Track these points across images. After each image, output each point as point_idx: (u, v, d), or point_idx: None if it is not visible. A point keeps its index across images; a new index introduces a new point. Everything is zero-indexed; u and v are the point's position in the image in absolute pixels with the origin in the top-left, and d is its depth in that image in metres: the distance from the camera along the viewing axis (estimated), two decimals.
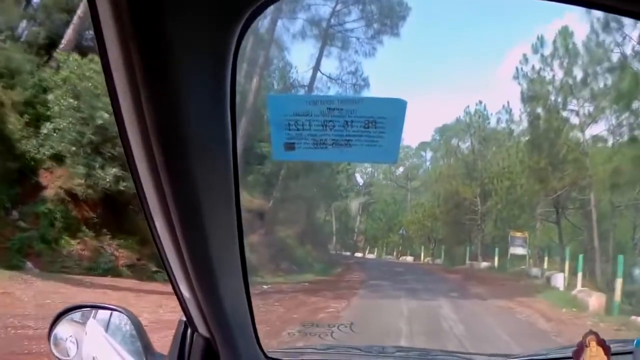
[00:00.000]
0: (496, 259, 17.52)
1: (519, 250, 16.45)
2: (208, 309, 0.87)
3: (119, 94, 0.56)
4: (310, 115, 0.65)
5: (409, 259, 24.39)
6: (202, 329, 0.96)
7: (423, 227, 23.88)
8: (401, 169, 30.89)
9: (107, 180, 10.07)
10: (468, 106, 20.65)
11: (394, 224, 27.59)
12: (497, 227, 19.65)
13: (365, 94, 18.23)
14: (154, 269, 11.05)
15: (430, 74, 28.62)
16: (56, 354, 1.30)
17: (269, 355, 1.16)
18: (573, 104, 14.80)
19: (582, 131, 14.37)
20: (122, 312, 1.27)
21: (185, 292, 0.85)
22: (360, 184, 29.73)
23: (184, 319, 1.00)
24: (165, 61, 0.52)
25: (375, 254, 27.65)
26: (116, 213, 11.52)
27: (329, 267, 16.53)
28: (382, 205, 29.59)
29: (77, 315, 1.34)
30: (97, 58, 11.26)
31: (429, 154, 30.30)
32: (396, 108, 0.66)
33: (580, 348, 1.08)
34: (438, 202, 22.77)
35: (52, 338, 1.30)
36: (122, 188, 10.11)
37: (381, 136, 0.66)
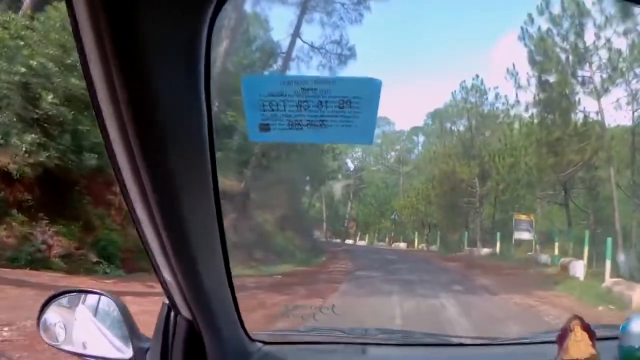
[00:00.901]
0: (498, 244, 16.01)
1: (525, 235, 15.00)
2: (189, 292, 0.86)
3: (96, 83, 0.56)
4: (285, 96, 0.64)
5: (402, 245, 23.11)
6: (184, 311, 0.95)
7: (416, 211, 22.47)
8: (393, 154, 29.74)
9: (24, 149, 8.07)
10: (464, 81, 19.04)
11: (386, 209, 26.50)
12: (498, 209, 18.22)
13: (351, 65, 16.89)
14: (95, 259, 9.32)
15: (423, 46, 26.95)
16: (46, 339, 1.28)
17: (254, 337, 1.17)
18: (585, 69, 13.04)
19: (599, 98, 12.56)
20: (108, 297, 1.25)
21: (167, 276, 0.84)
22: (351, 169, 28.49)
23: (167, 302, 0.98)
24: (137, 45, 0.52)
25: (367, 240, 26.65)
26: (58, 195, 9.92)
27: (312, 256, 14.99)
28: (373, 190, 28.56)
29: (64, 300, 1.32)
30: (29, 12, 9.56)
31: (421, 138, 28.98)
32: (371, 88, 0.65)
33: (565, 333, 1.02)
34: (432, 185, 21.36)
35: (41, 323, 1.29)
36: (43, 159, 8.12)
37: (356, 116, 0.65)
